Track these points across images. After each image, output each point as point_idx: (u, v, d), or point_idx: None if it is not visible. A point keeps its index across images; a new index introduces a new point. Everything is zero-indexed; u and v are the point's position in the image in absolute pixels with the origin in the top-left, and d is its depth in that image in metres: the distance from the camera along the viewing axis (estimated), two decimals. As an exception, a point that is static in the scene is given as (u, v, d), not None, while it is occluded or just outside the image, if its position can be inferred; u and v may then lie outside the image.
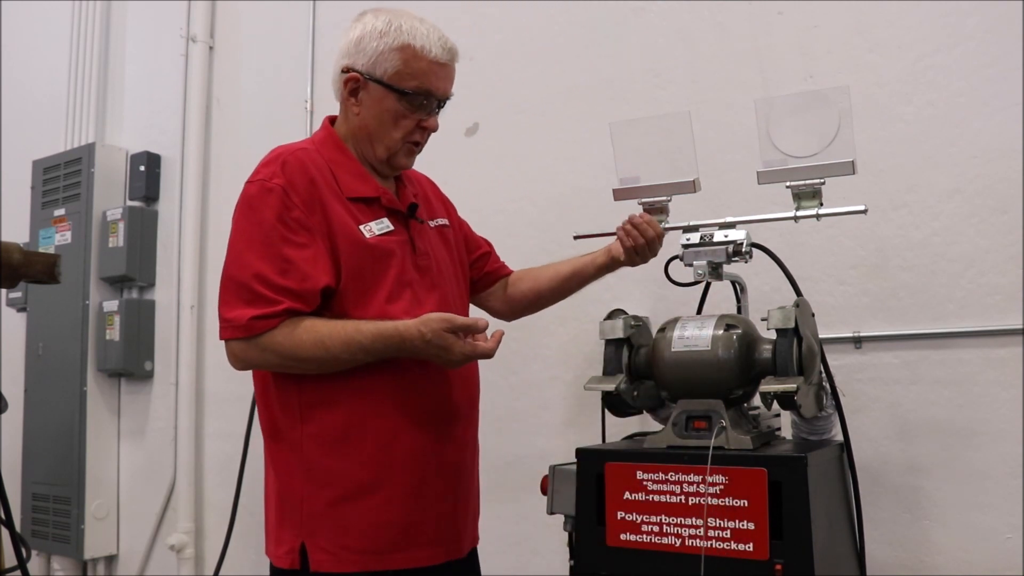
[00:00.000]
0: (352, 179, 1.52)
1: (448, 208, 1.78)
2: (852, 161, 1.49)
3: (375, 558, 1.43)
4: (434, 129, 1.57)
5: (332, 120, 1.62)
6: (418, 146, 1.58)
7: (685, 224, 1.64)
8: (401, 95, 1.50)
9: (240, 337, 1.41)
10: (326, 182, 1.47)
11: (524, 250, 2.33)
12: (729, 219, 1.62)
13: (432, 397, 1.50)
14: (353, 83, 1.52)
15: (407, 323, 1.41)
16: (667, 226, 1.66)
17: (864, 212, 1.50)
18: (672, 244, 2.00)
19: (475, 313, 1.70)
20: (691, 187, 1.65)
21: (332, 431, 1.45)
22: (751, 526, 1.31)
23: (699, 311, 1.87)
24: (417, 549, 1.46)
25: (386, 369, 1.45)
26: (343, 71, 1.53)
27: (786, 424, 1.67)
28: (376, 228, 1.49)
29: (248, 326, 1.39)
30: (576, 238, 1.78)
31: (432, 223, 1.66)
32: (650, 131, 1.74)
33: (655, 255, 1.70)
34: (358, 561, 1.42)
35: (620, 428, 1.88)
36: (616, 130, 1.70)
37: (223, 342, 1.46)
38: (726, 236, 1.58)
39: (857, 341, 1.92)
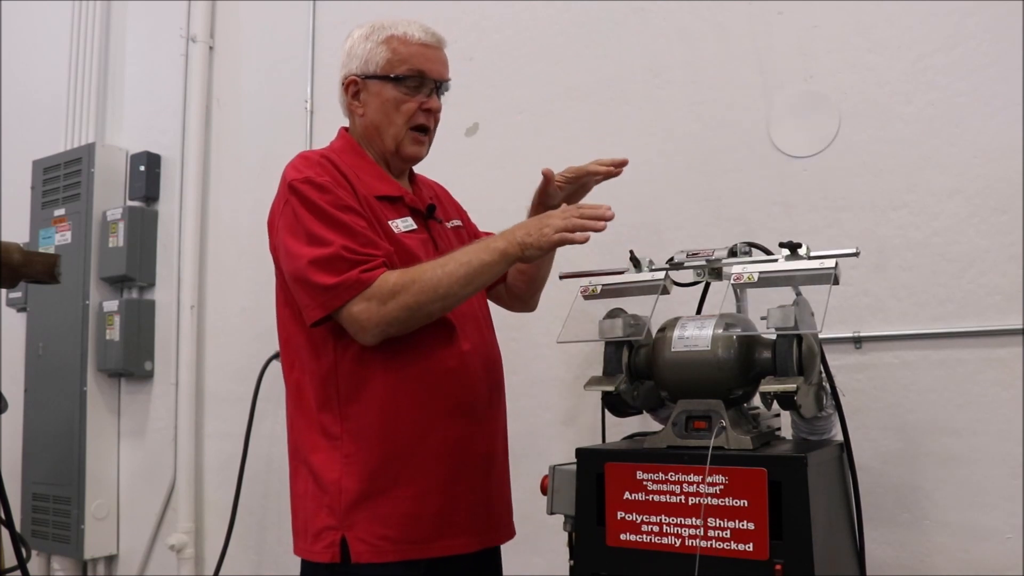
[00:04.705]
0: (375, 180, 1.60)
1: (460, 212, 1.85)
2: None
3: (413, 547, 1.49)
4: (436, 110, 1.64)
5: (347, 130, 1.69)
6: (426, 133, 1.64)
7: (668, 266, 1.64)
8: (397, 81, 1.59)
9: (355, 296, 1.43)
10: (355, 181, 1.55)
11: (524, 250, 2.33)
12: (716, 254, 1.60)
13: (462, 388, 1.57)
14: (353, 86, 1.64)
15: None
16: (655, 267, 1.66)
17: (856, 255, 1.49)
18: (672, 246, 2.00)
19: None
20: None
21: (370, 426, 1.51)
22: (751, 526, 1.31)
23: (699, 311, 1.87)
24: (453, 538, 1.52)
25: (422, 361, 1.53)
26: (342, 82, 1.64)
27: (786, 424, 1.67)
28: (402, 225, 1.57)
29: (360, 279, 1.43)
30: (562, 277, 1.78)
31: (449, 224, 1.73)
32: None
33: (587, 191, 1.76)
34: (397, 551, 1.48)
35: (620, 428, 1.88)
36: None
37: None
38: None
39: (857, 341, 1.92)
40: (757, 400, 1.51)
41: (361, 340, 1.48)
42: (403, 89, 1.59)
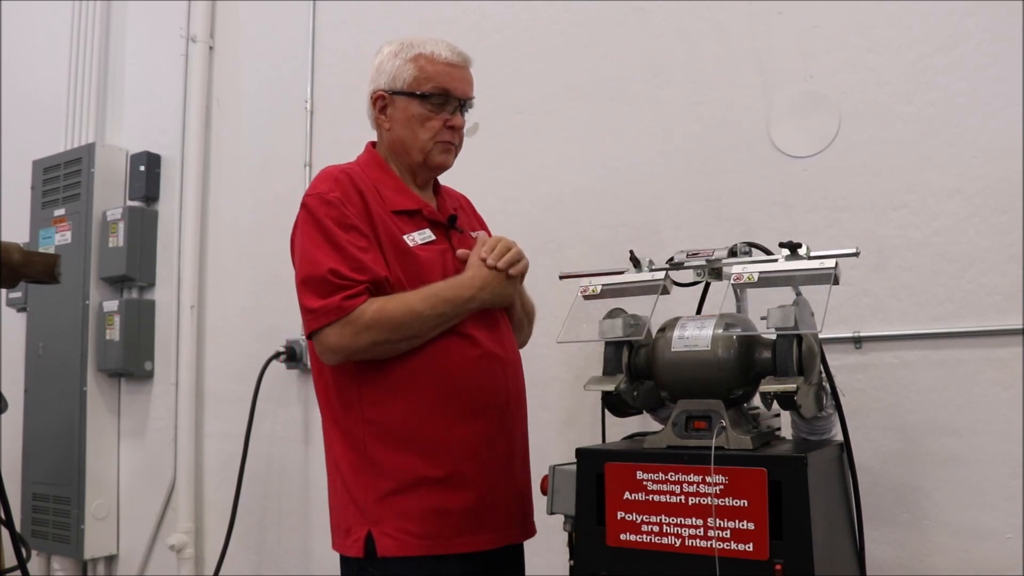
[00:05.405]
0: (395, 194, 1.66)
1: (483, 225, 1.89)
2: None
3: (436, 543, 1.54)
4: (460, 127, 1.70)
5: (374, 144, 1.76)
6: (451, 146, 1.71)
7: (668, 266, 1.64)
8: (422, 98, 1.65)
9: (334, 321, 1.50)
10: (373, 197, 1.61)
11: (524, 250, 2.33)
12: (716, 254, 1.60)
13: (483, 390, 1.61)
14: (381, 102, 1.69)
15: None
16: (655, 267, 1.66)
17: (856, 255, 1.49)
18: (672, 246, 2.00)
19: None
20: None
21: (391, 426, 1.56)
22: (751, 526, 1.31)
23: (699, 311, 1.87)
24: (474, 535, 1.57)
25: (441, 368, 1.57)
26: (370, 96, 1.70)
27: (786, 424, 1.67)
28: (419, 238, 1.63)
29: (340, 307, 1.50)
30: (562, 277, 1.78)
31: (473, 234, 1.77)
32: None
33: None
34: (421, 545, 1.53)
35: (620, 428, 1.88)
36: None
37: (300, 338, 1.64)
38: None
39: (857, 341, 1.92)
40: (757, 400, 1.51)
41: (325, 360, 1.58)
42: (428, 106, 1.65)
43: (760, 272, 1.48)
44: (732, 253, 1.59)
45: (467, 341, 1.60)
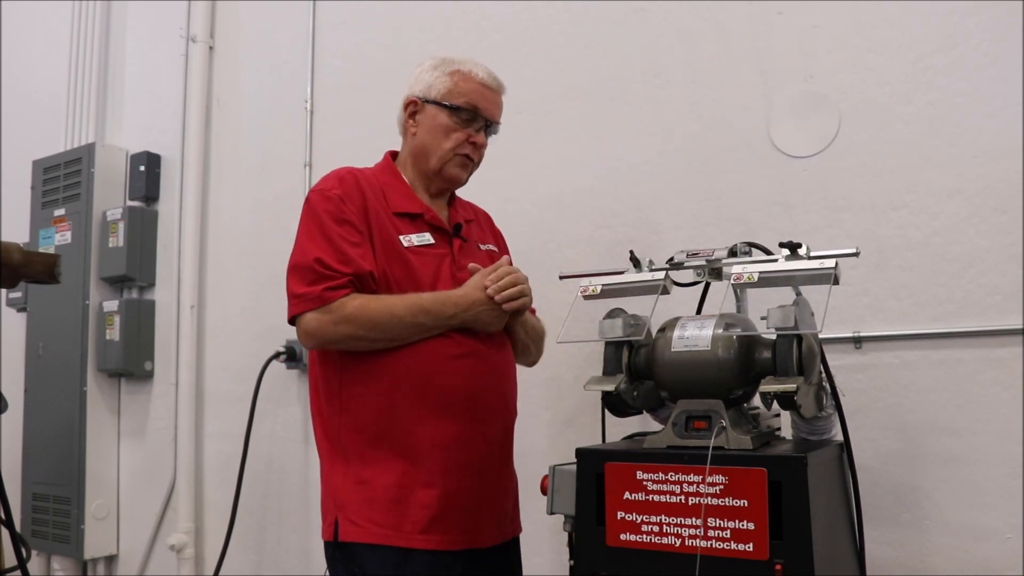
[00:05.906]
0: (400, 197, 1.72)
1: (498, 239, 1.94)
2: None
3: (397, 534, 1.56)
4: (482, 145, 1.76)
5: (393, 155, 1.83)
6: (470, 161, 1.76)
7: (668, 266, 1.64)
8: (452, 110, 1.72)
9: (315, 308, 1.57)
10: (376, 198, 1.68)
11: (524, 250, 2.32)
12: (716, 254, 1.60)
13: (458, 389, 1.63)
14: (412, 107, 1.76)
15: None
16: (655, 267, 1.66)
17: (856, 255, 1.49)
18: (672, 246, 2.00)
19: None
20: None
21: (365, 417, 1.61)
22: (751, 526, 1.31)
23: (699, 311, 1.87)
24: (437, 534, 1.58)
25: (419, 364, 1.61)
26: (403, 102, 1.77)
27: (786, 424, 1.67)
28: (416, 240, 1.68)
29: (321, 296, 1.57)
30: (562, 277, 1.79)
31: (482, 246, 1.82)
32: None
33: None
34: (382, 535, 1.56)
35: (620, 428, 1.88)
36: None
37: (289, 323, 1.65)
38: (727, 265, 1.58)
39: (857, 341, 1.92)
40: (757, 400, 1.51)
41: (303, 344, 1.65)
42: (456, 119, 1.72)
43: (760, 272, 1.48)
44: (732, 253, 1.59)
45: (449, 340, 1.63)
